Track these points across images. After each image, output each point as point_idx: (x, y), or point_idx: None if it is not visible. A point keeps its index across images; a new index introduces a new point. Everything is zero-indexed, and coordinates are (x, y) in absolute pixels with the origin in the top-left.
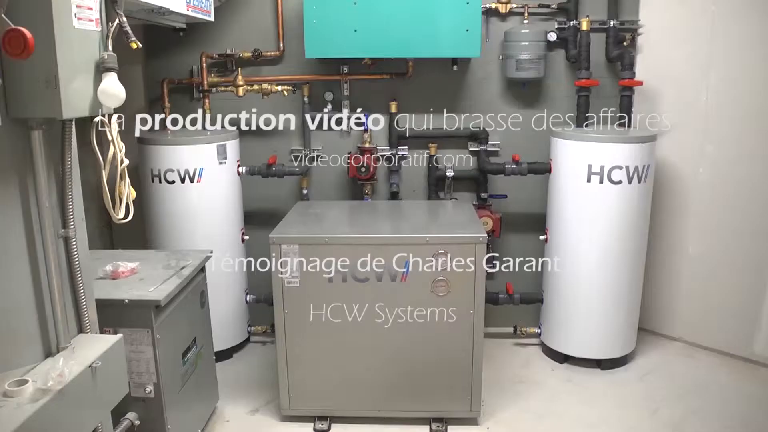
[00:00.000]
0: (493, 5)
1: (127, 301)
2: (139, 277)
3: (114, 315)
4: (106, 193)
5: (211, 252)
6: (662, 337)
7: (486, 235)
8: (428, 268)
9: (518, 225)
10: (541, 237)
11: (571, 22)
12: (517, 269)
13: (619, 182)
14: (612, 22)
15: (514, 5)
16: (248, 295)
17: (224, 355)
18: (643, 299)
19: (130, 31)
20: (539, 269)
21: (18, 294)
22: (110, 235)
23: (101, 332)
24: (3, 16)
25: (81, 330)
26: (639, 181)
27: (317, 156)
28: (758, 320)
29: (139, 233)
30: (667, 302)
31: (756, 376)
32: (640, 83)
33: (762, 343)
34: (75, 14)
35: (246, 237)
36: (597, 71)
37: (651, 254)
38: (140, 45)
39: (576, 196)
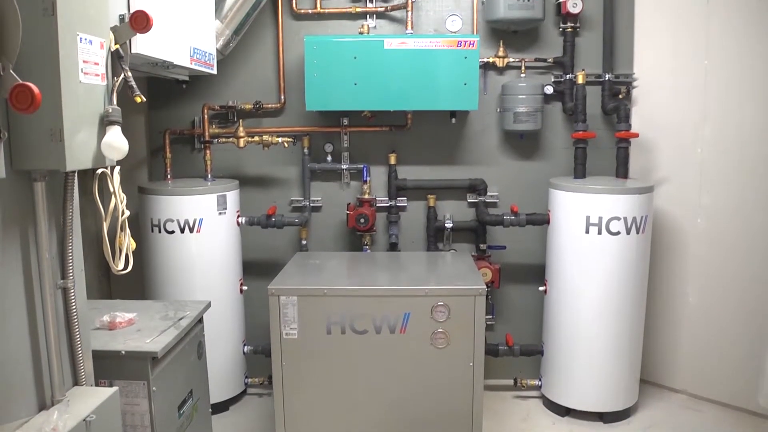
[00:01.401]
0: (491, 59)
1: (123, 352)
2: (136, 327)
3: (110, 366)
4: (107, 245)
5: (210, 303)
6: (665, 389)
7: (485, 286)
8: (427, 320)
9: (517, 276)
10: (541, 288)
11: (567, 76)
12: (516, 320)
13: (618, 233)
14: (607, 76)
15: (511, 59)
16: (246, 346)
17: (221, 407)
18: (644, 350)
19: (135, 86)
20: (539, 320)
21: (14, 345)
22: (108, 284)
23: (97, 384)
24: (11, 71)
25: (76, 382)
26: (637, 232)
27: (317, 207)
28: (762, 371)
29: (137, 282)
30: (668, 353)
31: (761, 430)
32: (636, 135)
33: (766, 395)
34: (82, 69)
35: (244, 287)
36: (593, 123)
37: (651, 305)
38: (144, 99)
39: (575, 247)
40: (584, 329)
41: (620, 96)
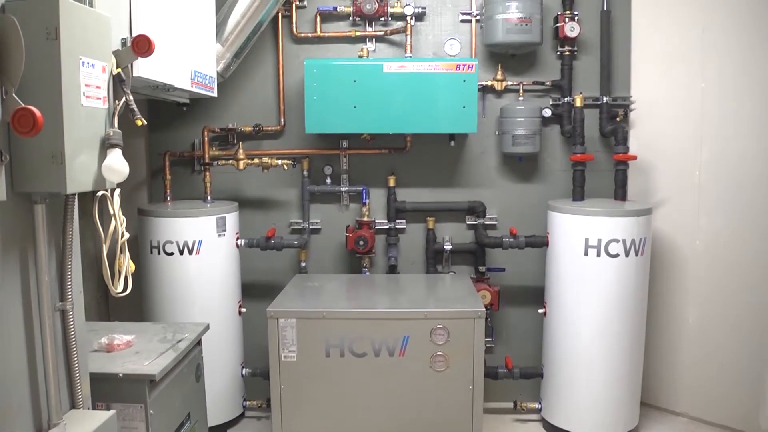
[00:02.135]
0: (489, 83)
1: (121, 375)
2: (134, 350)
3: (108, 389)
4: (106, 268)
5: (208, 325)
6: (666, 411)
7: (484, 309)
8: (426, 343)
9: (517, 298)
10: (540, 310)
11: (565, 99)
12: (516, 343)
13: (617, 255)
14: (605, 99)
15: (509, 83)
16: (244, 369)
17: (219, 430)
18: (644, 373)
19: (136, 109)
20: (538, 343)
21: (12, 367)
22: (107, 306)
23: (94, 407)
24: (14, 95)
25: (73, 405)
26: (636, 254)
27: (316, 229)
28: (762, 393)
29: (135, 304)
30: (669, 376)
31: None
32: (634, 157)
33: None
34: (83, 93)
35: (243, 309)
36: (591, 146)
37: (651, 327)
38: (145, 122)
39: (574, 270)
40: (584, 352)
41: (618, 119)
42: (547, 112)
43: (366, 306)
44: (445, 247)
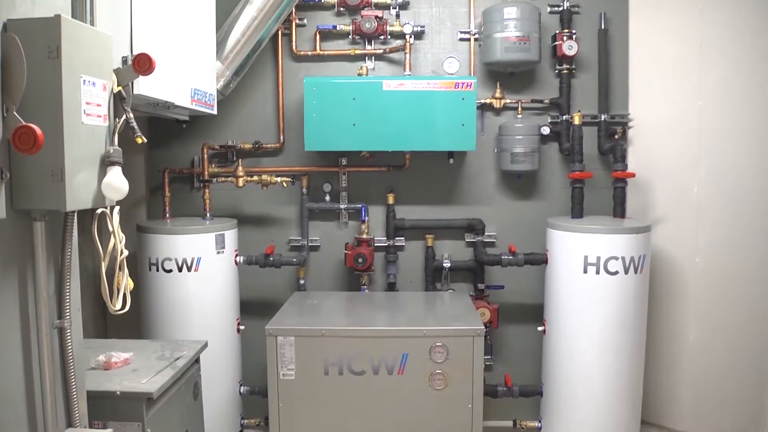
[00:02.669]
0: (488, 100)
1: (118, 393)
2: (132, 367)
3: (104, 407)
4: (105, 286)
5: (206, 343)
6: (666, 430)
7: (484, 326)
8: (426, 361)
9: (516, 316)
10: (540, 328)
11: (564, 117)
12: (515, 361)
13: (616, 273)
14: (603, 116)
15: (508, 100)
16: (242, 387)
17: None
18: (645, 391)
19: (136, 127)
20: (538, 361)
21: (8, 385)
22: (104, 323)
23: (90, 426)
24: (15, 113)
25: (70, 424)
26: (635, 272)
27: (315, 246)
28: (762, 411)
29: (133, 321)
30: (669, 393)
31: None
32: (633, 175)
33: None
34: (84, 110)
35: (242, 327)
36: (590, 163)
37: (651, 345)
38: (145, 140)
39: (573, 287)
40: (584, 369)
41: (616, 136)
42: (546, 130)
43: (365, 324)
44: (444, 264)
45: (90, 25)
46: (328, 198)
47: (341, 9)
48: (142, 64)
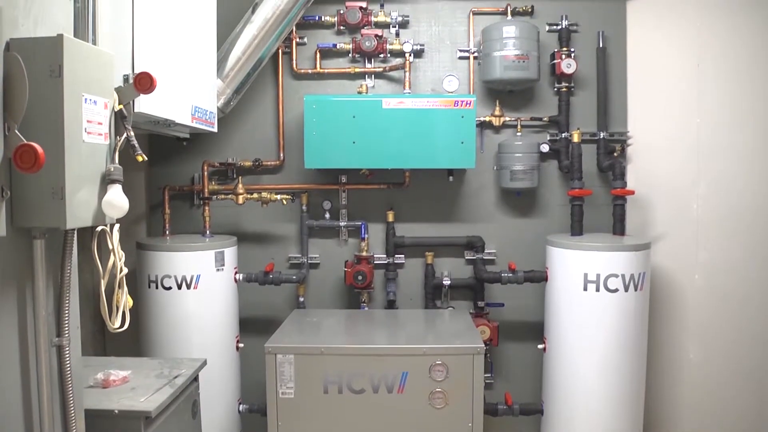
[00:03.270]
0: (487, 118)
1: (116, 411)
2: (130, 386)
3: (102, 426)
4: (104, 304)
5: (206, 361)
6: None
7: (484, 344)
8: (426, 380)
9: (516, 333)
10: (540, 346)
11: (563, 134)
12: (516, 379)
13: (616, 290)
14: (602, 134)
15: (507, 118)
16: (241, 405)
17: None
18: (646, 409)
19: (137, 145)
20: (538, 379)
21: (6, 403)
22: (103, 340)
23: None
24: (16, 131)
25: None
26: (635, 289)
27: (314, 264)
28: (763, 429)
29: (132, 338)
30: (670, 412)
31: None
32: (632, 192)
33: None
34: (85, 129)
35: (241, 345)
36: (589, 180)
37: (652, 363)
38: (146, 158)
39: (573, 305)
40: (584, 388)
41: (615, 154)
42: (545, 148)
43: (364, 342)
44: (444, 282)
45: (92, 44)
46: (327, 215)
47: (341, 28)
48: (144, 82)
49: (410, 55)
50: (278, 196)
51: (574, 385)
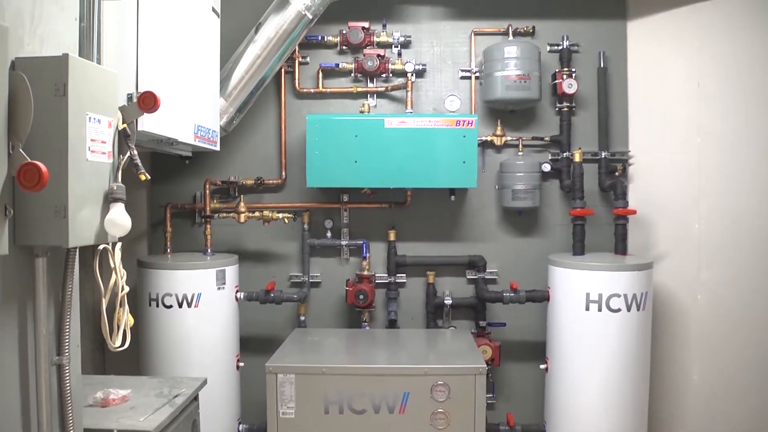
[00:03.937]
0: (489, 138)
1: (116, 431)
2: (130, 405)
3: None
4: (105, 322)
5: (206, 380)
6: None
7: (485, 364)
8: (427, 400)
9: (518, 353)
10: (542, 366)
11: (564, 154)
12: (517, 399)
13: (618, 310)
14: (603, 154)
15: (508, 138)
16: (241, 425)
17: None
18: (648, 430)
19: (140, 164)
20: (540, 399)
21: (5, 422)
22: (102, 358)
23: None
24: (21, 150)
25: None
26: (638, 309)
27: (316, 283)
28: None
29: (132, 356)
30: None
31: None
32: (634, 212)
33: None
34: (89, 147)
35: (241, 364)
36: (591, 200)
37: (655, 383)
38: (149, 177)
39: (575, 325)
40: (586, 408)
41: (617, 173)
42: (547, 167)
43: (366, 362)
44: (445, 301)
45: (96, 63)
46: (329, 234)
47: (344, 47)
48: (148, 102)
49: (412, 74)
50: (280, 215)
51: (577, 406)
